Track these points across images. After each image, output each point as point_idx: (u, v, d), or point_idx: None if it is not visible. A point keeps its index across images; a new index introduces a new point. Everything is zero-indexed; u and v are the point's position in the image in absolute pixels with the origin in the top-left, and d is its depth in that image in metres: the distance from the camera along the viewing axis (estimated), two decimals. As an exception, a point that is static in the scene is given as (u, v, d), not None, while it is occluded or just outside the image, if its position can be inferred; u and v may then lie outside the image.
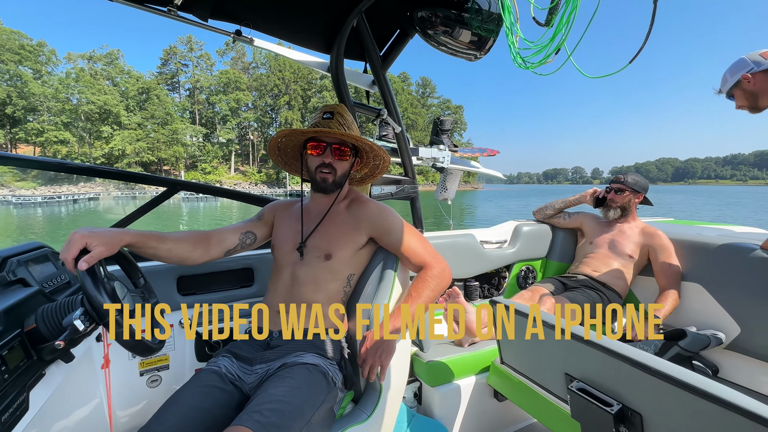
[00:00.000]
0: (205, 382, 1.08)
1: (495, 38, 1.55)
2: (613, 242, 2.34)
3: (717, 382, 0.80)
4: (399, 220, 1.34)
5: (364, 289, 1.31)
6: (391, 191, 2.03)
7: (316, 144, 1.29)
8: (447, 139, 2.59)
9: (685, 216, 3.66)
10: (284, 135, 1.33)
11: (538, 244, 2.64)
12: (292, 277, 1.29)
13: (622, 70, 1.16)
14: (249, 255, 1.68)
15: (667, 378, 0.85)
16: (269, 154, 1.42)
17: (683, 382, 0.82)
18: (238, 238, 1.34)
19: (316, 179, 1.30)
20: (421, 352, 1.73)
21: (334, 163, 1.29)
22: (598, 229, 2.47)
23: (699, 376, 0.83)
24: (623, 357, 0.94)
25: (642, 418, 0.95)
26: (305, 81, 74.72)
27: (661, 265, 2.16)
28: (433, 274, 1.28)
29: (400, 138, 1.94)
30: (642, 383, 0.92)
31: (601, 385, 1.04)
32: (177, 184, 1.58)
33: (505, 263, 2.51)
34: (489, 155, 3.05)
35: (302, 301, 1.26)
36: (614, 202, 2.40)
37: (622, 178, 2.41)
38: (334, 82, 1.77)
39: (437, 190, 2.81)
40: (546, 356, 1.23)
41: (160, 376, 1.46)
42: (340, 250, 1.29)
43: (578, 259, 2.47)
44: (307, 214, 1.38)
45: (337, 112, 1.31)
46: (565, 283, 2.29)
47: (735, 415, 0.74)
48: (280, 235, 1.37)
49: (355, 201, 1.38)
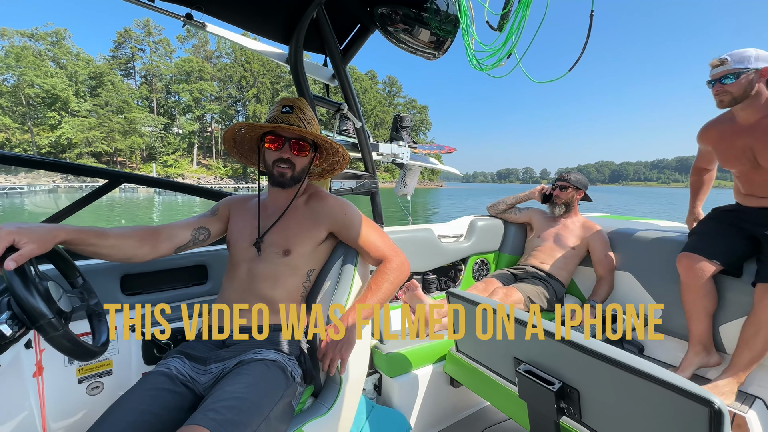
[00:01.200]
0: (152, 385, 0.98)
1: (452, 39, 1.54)
2: (558, 236, 2.46)
3: (643, 359, 0.88)
4: (358, 215, 1.30)
5: (324, 284, 1.26)
6: (351, 186, 1.98)
7: (274, 138, 1.22)
8: (407, 135, 2.57)
9: (620, 212, 4.02)
10: (241, 127, 1.24)
11: (492, 238, 2.70)
12: (249, 274, 1.22)
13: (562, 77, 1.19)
14: (202, 251, 1.57)
15: (601, 357, 0.92)
16: (224, 145, 1.32)
17: (615, 360, 0.89)
18: (190, 234, 1.24)
19: (274, 174, 1.24)
20: (381, 344, 1.71)
21: (292, 158, 1.23)
22: (545, 223, 2.57)
23: (628, 354, 0.91)
24: (563, 339, 1.00)
25: (579, 394, 1.01)
26: (273, 74, 71.68)
27: (599, 256, 2.30)
28: (392, 267, 1.25)
29: (360, 133, 1.89)
30: (579, 363, 0.99)
31: (545, 366, 1.10)
32: (120, 176, 1.43)
33: (461, 256, 2.54)
34: (447, 152, 3.07)
35: (260, 297, 1.19)
36: (559, 199, 2.51)
37: (566, 176, 2.53)
38: (293, 74, 1.68)
39: (397, 186, 2.79)
40: (497, 343, 1.27)
41: (102, 383, 1.32)
42: (299, 245, 1.23)
43: (527, 251, 2.56)
44: (264, 209, 1.30)
45: (296, 107, 1.24)
46: (515, 274, 2.36)
47: (656, 386, 0.82)
48: (236, 231, 1.29)
49: (315, 196, 1.32)
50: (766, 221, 1.67)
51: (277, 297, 1.21)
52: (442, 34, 1.48)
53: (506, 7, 1.18)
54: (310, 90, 1.71)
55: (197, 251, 1.54)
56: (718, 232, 1.79)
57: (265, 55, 1.74)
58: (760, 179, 1.68)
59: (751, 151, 1.64)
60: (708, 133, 1.85)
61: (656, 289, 2.06)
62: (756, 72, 1.54)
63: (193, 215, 1.32)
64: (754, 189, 1.72)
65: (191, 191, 1.69)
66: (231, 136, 1.29)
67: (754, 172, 1.69)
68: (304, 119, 1.24)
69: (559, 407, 1.04)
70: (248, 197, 1.39)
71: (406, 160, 2.47)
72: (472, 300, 1.32)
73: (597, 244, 2.33)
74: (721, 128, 1.77)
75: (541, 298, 2.15)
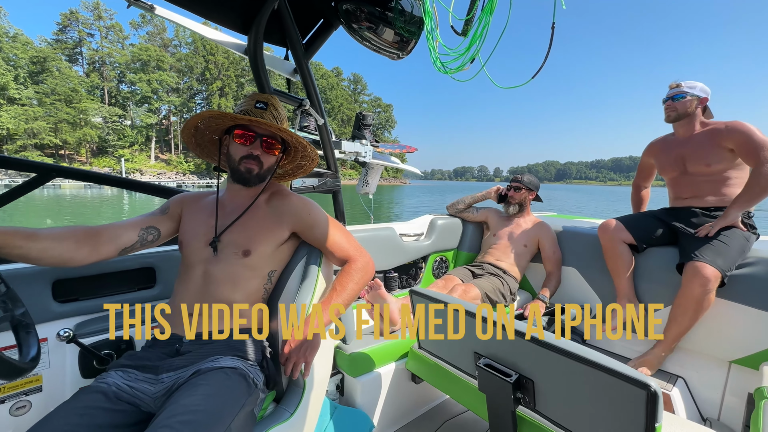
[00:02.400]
0: (84, 403, 0.85)
1: (416, 41, 1.49)
2: (512, 234, 2.51)
3: (586, 347, 0.93)
4: (323, 214, 1.22)
5: (287, 285, 1.17)
6: (313, 184, 1.88)
7: (244, 133, 1.12)
8: (369, 134, 2.50)
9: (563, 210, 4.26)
10: (208, 117, 1.12)
11: (451, 236, 2.71)
12: (205, 276, 1.10)
13: (525, 84, 1.17)
14: (149, 253, 1.40)
15: (553, 348, 0.95)
16: (182, 133, 1.17)
17: (565, 350, 0.92)
18: (137, 234, 1.11)
19: (239, 170, 1.13)
20: (344, 345, 1.64)
21: (261, 155, 1.14)
22: (500, 222, 2.62)
23: (575, 343, 0.94)
24: (518, 333, 1.02)
25: (534, 384, 1.04)
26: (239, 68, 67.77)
27: (548, 253, 2.38)
28: (357, 267, 1.19)
29: (322, 130, 1.79)
30: (534, 355, 1.01)
31: (503, 359, 1.10)
32: (51, 169, 1.24)
33: (422, 254, 2.52)
34: (408, 152, 3.04)
35: (218, 300, 1.08)
36: (513, 199, 2.57)
37: (520, 178, 2.59)
38: (253, 66, 1.54)
39: (358, 184, 2.71)
40: (458, 339, 1.26)
41: (29, 402, 1.13)
42: (259, 245, 1.13)
43: (484, 249, 2.59)
44: (222, 207, 1.18)
45: (271, 104, 1.16)
46: (473, 271, 2.39)
47: (600, 372, 0.87)
48: (190, 230, 1.16)
49: (277, 194, 1.22)
50: (683, 215, 1.95)
51: (237, 299, 1.10)
52: (406, 35, 1.43)
53: (470, 13, 1.15)
54: (270, 84, 1.59)
55: (144, 253, 1.38)
56: (641, 217, 2.09)
57: (222, 44, 1.59)
58: (684, 183, 1.98)
59: (682, 159, 1.96)
60: (653, 147, 2.18)
61: (597, 283, 2.18)
62: (698, 99, 1.91)
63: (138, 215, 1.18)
64: (680, 192, 2.01)
65: (135, 187, 1.51)
66: (194, 125, 1.15)
67: (681, 178, 2.00)
68: (278, 117, 1.17)
69: (515, 397, 1.06)
70: (202, 194, 1.26)
71: (369, 158, 2.40)
72: (436, 298, 1.29)
73: (547, 242, 2.41)
74: (664, 143, 2.11)
75: (497, 294, 2.18)
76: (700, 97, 1.91)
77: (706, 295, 1.63)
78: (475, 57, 1.20)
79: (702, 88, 1.93)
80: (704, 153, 1.85)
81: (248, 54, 1.54)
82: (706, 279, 1.61)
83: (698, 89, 1.91)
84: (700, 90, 1.91)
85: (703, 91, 1.92)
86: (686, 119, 1.94)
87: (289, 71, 1.72)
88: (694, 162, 1.89)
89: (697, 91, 1.91)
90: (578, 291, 2.26)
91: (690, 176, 1.94)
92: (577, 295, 2.26)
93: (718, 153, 1.82)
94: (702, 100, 1.92)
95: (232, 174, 1.17)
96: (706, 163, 1.85)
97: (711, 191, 1.89)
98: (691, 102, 1.91)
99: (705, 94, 1.92)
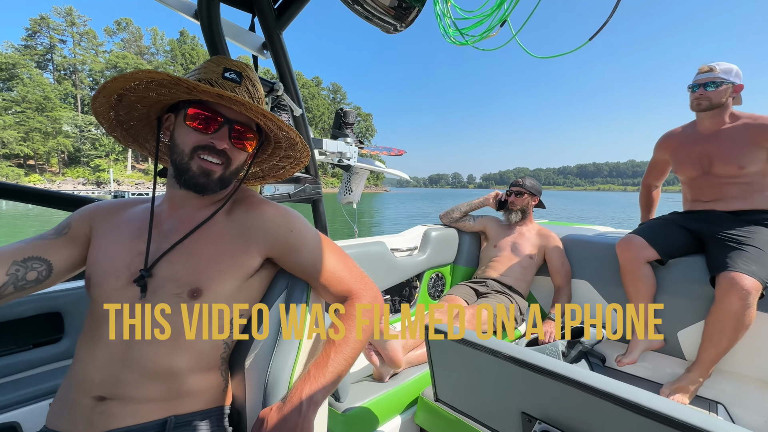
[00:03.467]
0: None
1: (420, 8, 1.13)
2: (515, 245, 2.19)
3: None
4: (311, 231, 0.81)
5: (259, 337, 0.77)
6: (288, 191, 1.48)
7: (201, 113, 0.71)
8: (351, 133, 2.12)
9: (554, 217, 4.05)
10: (146, 79, 0.67)
11: (447, 249, 2.35)
12: (128, 332, 0.69)
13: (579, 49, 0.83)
14: (54, 291, 0.97)
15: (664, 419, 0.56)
16: (94, 104, 0.72)
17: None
18: (4, 271, 0.68)
19: (191, 168, 0.72)
20: (336, 402, 1.23)
21: (229, 151, 0.73)
22: (500, 232, 2.29)
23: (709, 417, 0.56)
24: (599, 392, 0.62)
25: None
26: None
27: (556, 265, 2.08)
28: (363, 306, 0.77)
29: (299, 124, 1.38)
30: (620, 420, 0.62)
31: (568, 424, 0.71)
32: None
33: (417, 272, 2.14)
34: (396, 155, 2.68)
35: (148, 368, 0.68)
36: (515, 205, 2.25)
37: (521, 182, 2.28)
38: (206, 35, 1.12)
39: (340, 192, 2.31)
40: (495, 391, 0.85)
41: None
42: (216, 281, 0.72)
43: (484, 262, 2.25)
44: (157, 224, 0.76)
45: (246, 76, 0.75)
46: (476, 289, 2.03)
47: None
48: (103, 261, 0.73)
49: (243, 203, 0.80)
50: (708, 219, 1.67)
51: (179, 365, 0.69)
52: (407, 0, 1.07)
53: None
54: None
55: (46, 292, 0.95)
56: (661, 226, 1.79)
57: (163, 3, 1.15)
58: (707, 184, 1.69)
59: (708, 157, 1.66)
60: (669, 141, 1.86)
61: (614, 296, 1.87)
62: (732, 86, 1.60)
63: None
64: (701, 194, 1.73)
65: (27, 198, 1.05)
66: (118, 90, 0.69)
67: (703, 178, 1.70)
68: (255, 96, 0.77)
69: None
70: (127, 204, 0.82)
71: (354, 161, 2.02)
72: (460, 337, 0.90)
73: (554, 253, 2.09)
74: (682, 136, 1.79)
75: (508, 316, 1.84)
76: (735, 84, 1.60)
77: (747, 310, 1.37)
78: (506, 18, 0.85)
79: (737, 72, 1.61)
80: (736, 152, 1.57)
81: (200, 19, 1.12)
82: (746, 291, 1.35)
83: (734, 74, 1.60)
84: (735, 75, 1.60)
85: (738, 76, 1.61)
86: (717, 110, 1.63)
87: (257, 46, 1.30)
88: (723, 162, 1.61)
89: (733, 77, 1.60)
90: (592, 307, 1.95)
91: (714, 177, 1.65)
92: (593, 311, 1.95)
93: (754, 153, 1.55)
94: (737, 87, 1.61)
95: (178, 174, 0.74)
96: (739, 164, 1.57)
97: (738, 194, 1.61)
98: (726, 90, 1.59)
99: (740, 80, 1.61)
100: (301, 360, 0.73)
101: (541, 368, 0.70)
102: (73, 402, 0.67)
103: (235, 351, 0.78)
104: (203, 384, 0.72)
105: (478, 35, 0.91)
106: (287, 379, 0.70)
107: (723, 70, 1.60)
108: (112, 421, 0.65)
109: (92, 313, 0.72)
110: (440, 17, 0.96)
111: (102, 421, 0.65)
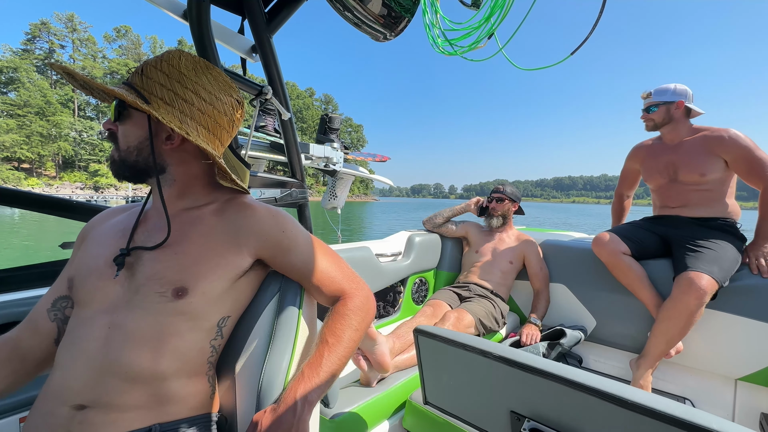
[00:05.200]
0: None
1: (410, 19, 1.17)
2: (496, 250, 2.25)
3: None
4: (302, 232, 0.80)
5: (249, 339, 0.73)
6: (274, 196, 1.46)
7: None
8: (337, 138, 2.13)
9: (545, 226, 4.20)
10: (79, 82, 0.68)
11: (430, 254, 2.37)
12: (110, 331, 0.64)
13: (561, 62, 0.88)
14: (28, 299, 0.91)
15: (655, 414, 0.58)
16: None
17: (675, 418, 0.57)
18: (50, 319, 0.73)
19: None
20: (326, 408, 1.20)
21: (116, 131, 0.71)
22: (481, 238, 2.35)
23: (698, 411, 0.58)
24: (591, 390, 0.64)
25: None
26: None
27: (534, 269, 2.15)
28: (355, 306, 0.76)
29: (287, 128, 1.36)
30: (610, 417, 0.64)
31: (557, 422, 0.73)
32: None
33: (401, 277, 2.14)
34: (381, 161, 2.71)
35: (130, 373, 0.63)
36: (495, 211, 2.31)
37: (502, 188, 2.35)
38: (196, 37, 1.09)
39: (324, 197, 2.30)
40: (483, 392, 0.86)
41: None
42: (203, 280, 0.68)
43: (466, 267, 2.29)
44: (145, 221, 0.74)
45: (150, 65, 0.71)
46: (459, 294, 2.06)
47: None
48: (86, 261, 0.71)
49: (233, 203, 0.77)
50: (674, 224, 1.80)
51: (163, 369, 0.65)
52: (397, 9, 1.10)
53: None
54: (220, 62, 1.17)
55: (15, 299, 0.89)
56: (632, 227, 1.92)
57: (152, 2, 1.13)
58: (674, 192, 1.82)
59: (673, 166, 1.80)
60: (639, 151, 2.00)
61: (590, 299, 1.96)
62: (673, 104, 1.76)
63: None
64: (668, 201, 1.86)
65: (32, 205, 0.98)
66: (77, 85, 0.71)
67: (670, 185, 1.84)
68: (139, 84, 0.69)
69: None
70: (122, 209, 0.83)
71: (340, 166, 2.02)
72: (450, 339, 0.91)
73: (533, 258, 2.17)
74: (651, 148, 1.93)
75: (491, 319, 1.88)
76: (675, 102, 1.76)
77: (700, 308, 1.49)
78: (493, 31, 0.90)
79: (675, 90, 1.77)
80: (698, 162, 1.72)
81: (189, 20, 1.11)
82: (702, 290, 1.47)
83: (670, 94, 1.77)
84: (672, 94, 1.77)
85: (676, 94, 1.76)
86: (671, 125, 1.80)
87: (245, 49, 1.28)
88: (687, 170, 1.75)
89: (669, 96, 1.76)
90: (569, 310, 2.04)
91: (680, 185, 1.80)
92: (570, 314, 2.04)
93: (713, 161, 1.70)
94: (678, 103, 1.76)
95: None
96: (701, 172, 1.71)
97: (701, 201, 1.76)
98: (666, 109, 1.77)
99: (680, 97, 1.76)
100: (294, 363, 0.71)
101: (529, 366, 0.72)
102: (50, 413, 0.61)
103: (223, 355, 0.75)
104: (190, 389, 0.68)
105: (466, 46, 0.95)
106: (281, 383, 0.67)
107: (657, 93, 1.80)
108: (92, 431, 0.62)
109: (73, 317, 0.68)
110: (429, 27, 1.00)
111: (82, 431, 0.61)
